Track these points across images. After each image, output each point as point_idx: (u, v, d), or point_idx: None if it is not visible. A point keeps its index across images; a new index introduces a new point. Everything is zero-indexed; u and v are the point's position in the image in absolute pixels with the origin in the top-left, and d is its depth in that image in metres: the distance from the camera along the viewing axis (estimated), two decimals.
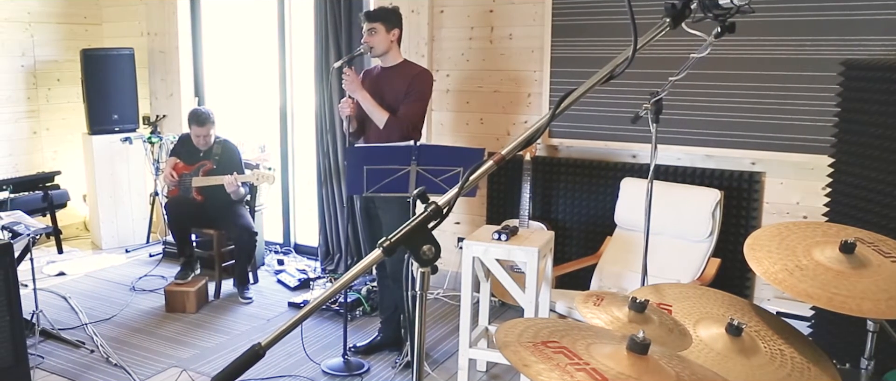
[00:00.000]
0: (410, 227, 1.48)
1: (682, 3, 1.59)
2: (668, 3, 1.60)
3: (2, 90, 6.43)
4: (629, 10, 1.53)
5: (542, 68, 4.74)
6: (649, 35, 1.58)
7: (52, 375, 4.10)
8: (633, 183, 4.32)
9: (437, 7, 5.07)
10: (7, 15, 6.39)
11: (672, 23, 1.60)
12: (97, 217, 6.62)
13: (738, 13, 1.61)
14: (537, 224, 4.65)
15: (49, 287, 5.48)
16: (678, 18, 1.60)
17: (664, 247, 4.07)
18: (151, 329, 4.76)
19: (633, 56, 1.53)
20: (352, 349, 4.33)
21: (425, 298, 1.59)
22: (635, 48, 1.53)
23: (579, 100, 1.59)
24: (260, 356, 1.45)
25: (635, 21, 1.51)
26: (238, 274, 5.37)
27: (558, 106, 1.57)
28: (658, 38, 1.60)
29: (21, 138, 6.61)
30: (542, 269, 3.72)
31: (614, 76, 1.59)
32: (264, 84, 6.54)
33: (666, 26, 1.61)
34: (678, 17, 1.60)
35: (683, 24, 1.63)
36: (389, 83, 4.07)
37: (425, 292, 1.58)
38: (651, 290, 2.53)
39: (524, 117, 4.89)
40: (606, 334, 2.09)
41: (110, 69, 6.39)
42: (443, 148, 4.01)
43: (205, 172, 5.29)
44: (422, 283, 1.55)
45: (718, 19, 1.64)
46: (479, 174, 1.55)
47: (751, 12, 1.61)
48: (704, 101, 4.23)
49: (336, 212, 5.73)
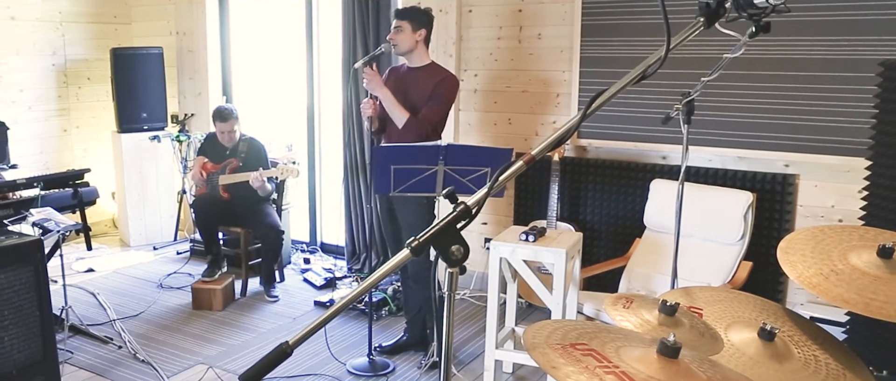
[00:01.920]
0: (439, 227, 1.47)
1: (716, 2, 1.56)
2: (703, 2, 1.57)
3: (33, 89, 6.50)
4: (662, 10, 1.50)
5: (571, 68, 4.69)
6: (683, 35, 1.55)
7: (81, 370, 4.14)
8: (663, 185, 4.26)
9: (466, 7, 5.04)
10: (38, 14, 6.46)
11: (706, 22, 1.57)
12: (125, 215, 6.67)
13: (774, 12, 1.57)
14: (565, 225, 4.61)
15: (78, 283, 5.53)
16: (713, 18, 1.57)
17: (694, 249, 4.02)
18: (178, 326, 4.79)
19: (666, 56, 1.50)
20: (377, 348, 4.32)
21: (453, 298, 1.57)
22: (668, 48, 1.50)
23: (610, 100, 1.57)
24: (287, 355, 1.45)
25: (668, 20, 1.48)
26: (264, 272, 5.39)
27: (589, 106, 1.55)
28: (691, 38, 1.57)
29: (51, 136, 6.69)
30: (569, 270, 3.68)
31: (646, 76, 1.56)
32: (292, 83, 6.56)
33: (700, 26, 1.57)
34: (713, 17, 1.57)
35: (717, 23, 1.60)
36: (415, 84, 4.05)
37: (454, 293, 1.56)
38: (681, 293, 2.49)
39: (552, 118, 4.85)
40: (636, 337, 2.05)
41: (139, 68, 6.45)
42: (471, 148, 3.98)
43: (231, 169, 5.31)
44: (450, 283, 1.54)
45: (753, 19, 1.61)
46: (508, 175, 1.53)
47: (786, 11, 1.58)
48: (736, 102, 4.16)
49: (362, 211, 5.72)
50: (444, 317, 1.61)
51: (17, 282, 3.59)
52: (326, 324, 1.53)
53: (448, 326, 1.63)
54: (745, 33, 1.67)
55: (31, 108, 6.50)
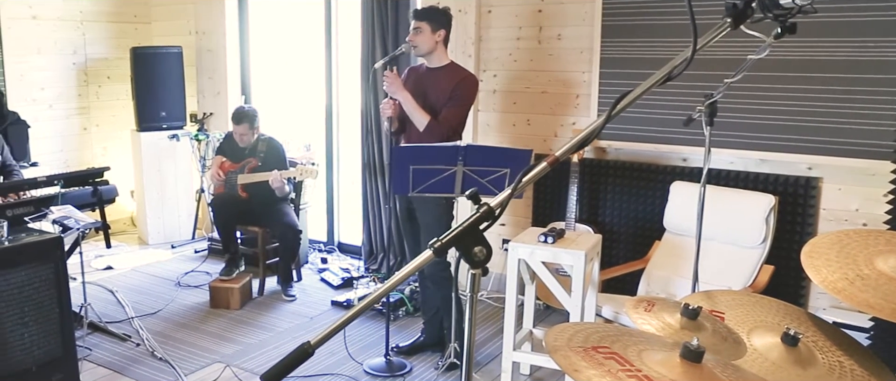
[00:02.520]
0: (462, 228, 1.46)
1: (743, 3, 1.54)
2: (730, 2, 1.54)
3: (54, 87, 6.55)
4: (689, 10, 1.47)
5: (591, 69, 4.66)
6: (709, 36, 1.53)
7: (99, 367, 4.15)
8: (684, 187, 4.22)
9: (485, 7, 5.03)
10: (60, 14, 6.51)
11: (733, 23, 1.54)
12: (144, 213, 6.70)
13: (800, 13, 1.55)
14: (584, 227, 4.58)
15: (96, 281, 5.56)
16: (740, 19, 1.54)
17: (715, 253, 3.98)
18: (196, 325, 4.80)
19: (692, 57, 1.48)
20: (394, 349, 4.31)
21: (476, 300, 1.56)
22: (695, 49, 1.47)
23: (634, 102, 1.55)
24: (309, 355, 1.45)
25: (695, 21, 1.45)
26: (282, 272, 5.39)
27: (614, 108, 1.53)
28: (717, 39, 1.55)
29: (72, 134, 6.73)
30: (588, 272, 3.66)
31: (672, 78, 1.54)
32: (310, 83, 6.57)
33: (727, 27, 1.55)
34: (740, 18, 1.54)
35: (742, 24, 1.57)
36: (434, 84, 4.03)
37: (476, 294, 1.55)
38: (703, 296, 2.46)
39: (572, 119, 4.83)
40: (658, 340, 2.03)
41: (159, 67, 6.47)
42: (490, 149, 3.96)
43: (250, 169, 5.32)
44: (473, 285, 1.54)
45: (779, 20, 1.58)
46: (531, 176, 1.52)
47: (813, 12, 1.55)
48: (759, 103, 4.12)
49: (380, 212, 5.71)
50: (463, 318, 1.60)
51: (37, 279, 3.61)
52: (348, 325, 1.53)
53: (470, 327, 1.62)
54: (770, 34, 1.64)
55: (52, 106, 6.55)
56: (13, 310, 3.52)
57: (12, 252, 3.53)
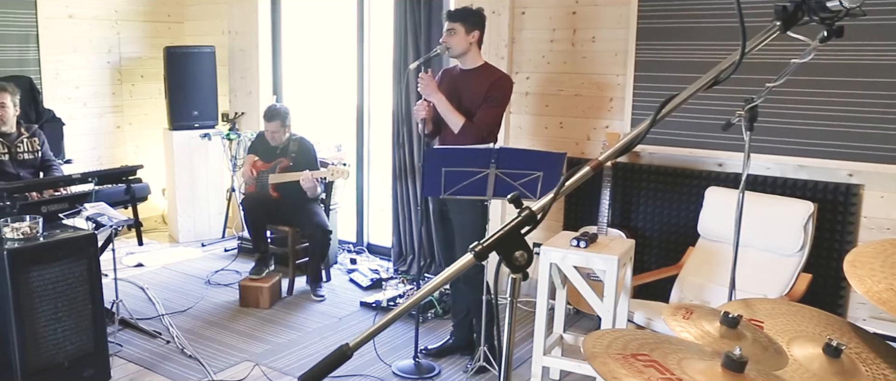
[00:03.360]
0: (503, 232, 1.44)
1: (794, 5, 1.49)
2: (780, 5, 1.50)
3: (88, 85, 6.62)
4: (738, 12, 1.44)
5: (625, 72, 4.61)
6: (758, 39, 1.49)
7: (130, 363, 4.18)
8: (719, 192, 4.16)
9: (519, 8, 4.99)
10: (96, 13, 6.58)
11: (783, 26, 1.50)
12: (175, 211, 6.75)
13: (848, 16, 1.50)
14: (616, 232, 4.53)
15: (128, 278, 5.60)
16: (790, 22, 1.50)
17: (751, 260, 3.91)
18: (225, 323, 4.82)
19: (741, 61, 1.45)
20: (423, 351, 4.29)
21: (515, 304, 1.55)
22: (743, 52, 1.44)
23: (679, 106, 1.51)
24: (347, 357, 1.44)
25: (744, 24, 1.42)
26: (311, 272, 5.40)
27: (659, 112, 1.50)
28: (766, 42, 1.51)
29: (105, 132, 6.80)
30: (621, 278, 3.62)
31: (719, 82, 1.51)
32: (342, 84, 6.57)
33: (776, 30, 1.51)
34: (790, 21, 1.50)
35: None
36: (468, 86, 4.01)
37: (516, 299, 1.53)
38: (741, 304, 2.42)
39: (605, 122, 4.78)
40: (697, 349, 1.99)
41: (192, 66, 6.52)
42: (523, 151, 3.93)
43: (281, 168, 5.33)
44: (513, 289, 1.52)
45: (825, 23, 1.54)
46: (574, 180, 1.50)
47: (862, 16, 1.50)
48: (798, 108, 4.04)
49: (410, 213, 5.70)
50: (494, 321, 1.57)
51: (71, 275, 3.65)
52: (387, 327, 1.51)
53: (509, 332, 1.60)
54: (816, 38, 1.59)
55: (86, 104, 6.62)
56: (47, 305, 3.55)
57: (47, 248, 3.57)
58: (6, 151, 4.77)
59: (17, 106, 4.84)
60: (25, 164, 4.87)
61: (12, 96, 4.77)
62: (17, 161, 4.82)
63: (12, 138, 4.81)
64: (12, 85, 4.84)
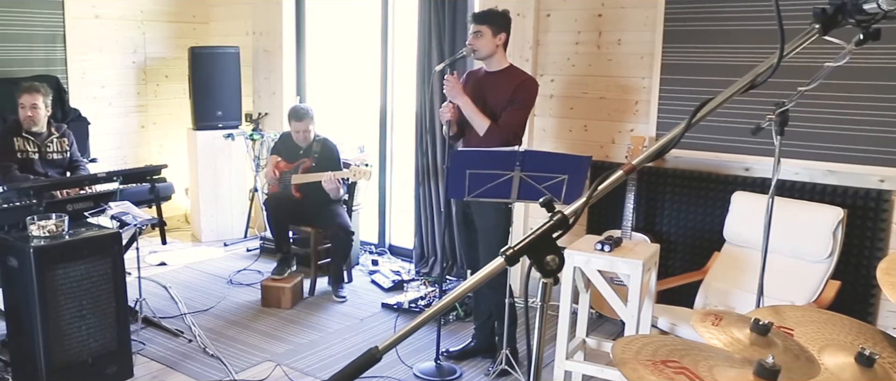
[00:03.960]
0: (535, 236, 1.42)
1: (833, 8, 1.46)
2: (819, 8, 1.47)
3: (114, 85, 6.66)
4: (777, 15, 1.41)
5: (651, 75, 4.57)
6: (796, 42, 1.46)
7: (152, 361, 4.20)
8: (746, 197, 4.10)
9: (544, 10, 4.97)
10: (122, 13, 6.62)
11: (822, 29, 1.47)
12: (198, 210, 6.78)
13: (885, 19, 1.47)
14: (640, 236, 4.49)
15: (151, 276, 5.63)
16: (829, 25, 1.47)
17: (778, 266, 3.85)
18: (247, 323, 4.82)
19: (779, 64, 1.42)
20: (444, 353, 4.28)
21: (546, 309, 1.54)
22: (781, 56, 1.41)
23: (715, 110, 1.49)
24: (376, 360, 1.44)
25: (783, 26, 1.39)
26: (333, 272, 5.39)
27: (694, 116, 1.48)
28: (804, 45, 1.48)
29: (130, 132, 6.84)
30: (646, 282, 3.58)
31: (755, 86, 1.48)
32: (365, 85, 6.57)
33: (815, 33, 1.48)
34: (829, 24, 1.47)
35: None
36: (493, 88, 3.99)
37: (547, 304, 1.52)
38: (770, 311, 2.38)
39: (631, 125, 4.74)
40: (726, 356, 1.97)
41: (216, 67, 6.54)
42: (548, 154, 3.89)
43: (304, 169, 5.33)
44: (543, 294, 1.50)
45: (861, 25, 1.50)
46: (607, 184, 1.49)
47: None
48: (828, 112, 3.99)
49: (433, 215, 5.69)
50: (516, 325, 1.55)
51: (96, 273, 3.67)
52: (416, 331, 1.50)
53: (539, 337, 1.58)
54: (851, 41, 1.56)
55: (111, 104, 6.66)
56: (72, 303, 3.57)
57: (72, 246, 3.59)
58: (36, 150, 4.82)
59: (49, 107, 4.89)
60: (54, 163, 4.91)
61: (44, 98, 4.82)
62: (46, 161, 4.86)
63: (43, 138, 4.86)
64: (45, 86, 4.89)
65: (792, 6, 3.53)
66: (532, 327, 4.25)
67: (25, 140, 4.79)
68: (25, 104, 4.74)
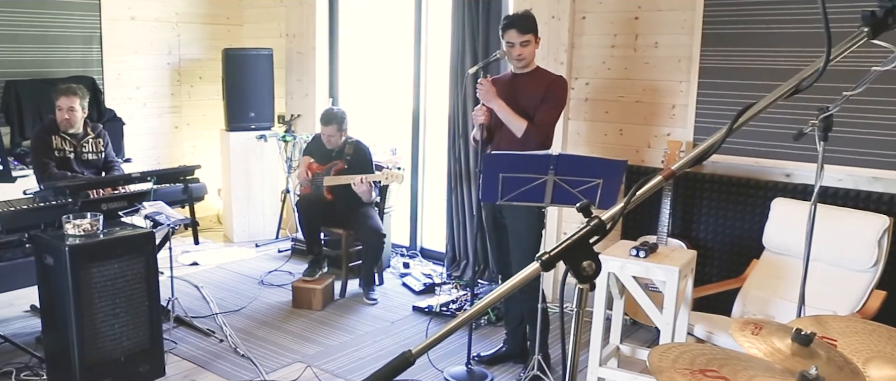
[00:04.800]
0: (572, 241, 1.40)
1: (883, 10, 1.41)
2: (868, 11, 1.42)
3: (149, 86, 6.72)
4: (823, 18, 1.36)
5: (689, 79, 4.50)
6: (843, 46, 1.42)
7: (184, 360, 4.21)
8: (786, 204, 4.01)
9: (579, 13, 4.91)
10: (157, 15, 6.68)
11: (871, 33, 1.42)
12: (230, 211, 6.81)
13: None
14: (676, 242, 4.41)
15: (183, 276, 5.66)
16: (879, 28, 1.42)
17: (820, 275, 3.75)
18: (278, 323, 4.82)
19: (825, 68, 1.37)
20: (476, 358, 4.24)
21: (582, 315, 1.50)
22: (828, 59, 1.37)
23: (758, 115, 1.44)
24: (410, 364, 1.42)
25: (830, 29, 1.34)
26: (364, 275, 5.38)
27: (736, 120, 1.44)
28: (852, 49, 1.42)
29: (164, 132, 6.89)
30: (682, 289, 3.52)
31: (800, 90, 1.44)
32: (398, 87, 6.56)
33: (863, 36, 1.43)
34: (879, 27, 1.42)
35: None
36: (524, 89, 3.96)
37: (583, 310, 1.49)
38: (812, 321, 2.31)
39: (667, 130, 4.66)
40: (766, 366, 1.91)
41: (249, 68, 6.57)
42: (583, 158, 3.84)
43: (336, 171, 5.33)
44: (579, 300, 1.47)
45: None
46: (646, 189, 1.46)
47: None
48: (873, 117, 3.89)
49: (465, 218, 5.65)
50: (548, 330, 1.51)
51: (129, 272, 3.69)
52: (450, 335, 1.48)
53: (575, 343, 1.55)
54: None
55: (146, 104, 6.72)
56: (105, 301, 3.59)
57: (107, 245, 3.61)
58: (72, 150, 4.86)
59: (86, 109, 4.93)
60: (89, 164, 4.95)
61: (81, 100, 4.86)
62: (81, 161, 4.90)
63: (79, 138, 4.90)
64: (82, 88, 4.93)
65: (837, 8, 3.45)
66: (567, 332, 4.20)
67: (62, 139, 4.83)
68: (62, 106, 4.79)
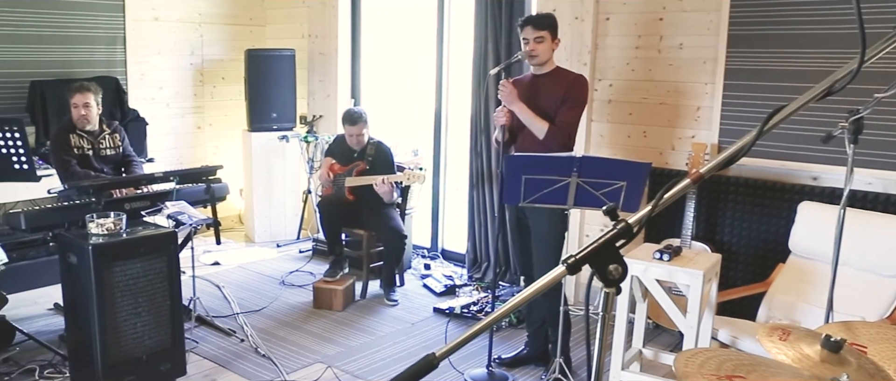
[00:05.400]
0: (598, 245, 1.39)
1: None
2: None
3: (172, 86, 6.75)
4: (858, 19, 1.33)
5: (714, 80, 4.45)
6: (878, 47, 1.39)
7: (205, 359, 4.22)
8: (813, 208, 3.95)
9: (603, 14, 4.87)
10: (180, 16, 6.71)
11: None
12: (252, 211, 6.83)
13: None
14: (700, 245, 4.36)
15: (204, 275, 5.67)
16: None
17: (848, 280, 3.70)
18: (298, 324, 4.82)
19: (859, 70, 1.34)
20: (496, 360, 4.22)
21: (608, 320, 1.49)
22: (862, 61, 1.34)
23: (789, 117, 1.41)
24: (434, 367, 1.42)
25: (865, 29, 1.31)
26: (385, 276, 5.37)
27: (766, 123, 1.42)
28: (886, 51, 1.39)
29: (186, 132, 6.92)
30: (706, 293, 3.47)
31: (833, 92, 1.41)
32: (420, 88, 6.54)
33: None
34: None
35: None
36: (545, 90, 3.93)
37: (609, 314, 1.47)
38: (841, 327, 2.27)
39: (691, 132, 4.62)
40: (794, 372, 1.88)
41: (272, 69, 6.58)
42: (606, 160, 3.80)
43: (358, 172, 5.32)
44: (605, 304, 1.46)
45: None
46: (674, 193, 1.45)
47: None
48: None
49: (486, 220, 5.62)
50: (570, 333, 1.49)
51: (152, 271, 3.69)
52: (473, 338, 1.46)
53: (600, 348, 1.53)
54: None
55: (169, 105, 6.75)
56: (128, 300, 3.60)
57: (129, 245, 3.62)
58: (90, 147, 4.89)
59: (100, 105, 4.95)
60: (107, 159, 4.97)
61: (95, 96, 4.89)
62: (100, 157, 4.93)
63: (96, 135, 4.92)
64: (95, 85, 4.96)
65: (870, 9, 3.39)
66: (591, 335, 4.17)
67: (80, 137, 4.85)
68: (78, 103, 4.81)
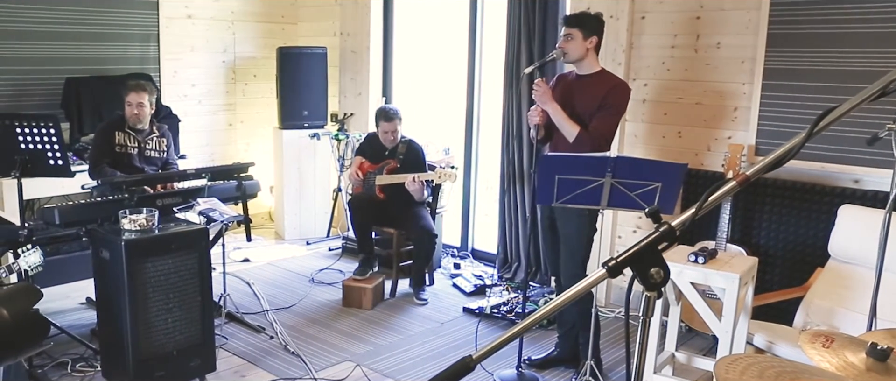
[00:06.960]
0: (640, 247, 1.36)
1: None
2: None
3: (204, 84, 6.78)
4: None
5: (752, 80, 4.37)
6: None
7: (234, 356, 4.23)
8: (854, 211, 3.86)
9: (638, 13, 4.81)
10: (213, 14, 6.74)
11: None
12: (282, 208, 6.84)
13: None
14: (736, 248, 4.28)
15: (235, 272, 5.69)
16: None
17: (891, 286, 3.60)
18: (328, 322, 4.82)
19: None
20: (526, 361, 4.18)
21: (649, 323, 1.44)
22: None
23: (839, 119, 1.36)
24: (470, 369, 1.40)
25: None
26: (415, 275, 5.35)
27: (816, 124, 1.38)
28: None
29: (218, 129, 6.95)
30: (742, 297, 3.40)
31: (887, 93, 1.36)
32: (452, 87, 6.51)
33: None
34: None
35: None
36: (583, 92, 3.87)
37: (649, 318, 1.44)
38: (887, 335, 2.20)
39: (728, 133, 4.53)
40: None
41: (303, 67, 6.59)
42: (641, 161, 3.74)
43: (389, 170, 5.31)
44: (646, 308, 1.43)
45: None
46: (719, 195, 1.42)
47: None
48: None
49: (517, 220, 5.58)
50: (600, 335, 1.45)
51: (183, 267, 3.70)
52: (512, 341, 1.43)
53: (640, 353, 1.50)
54: None
55: (201, 102, 6.78)
56: (159, 296, 3.61)
57: (162, 241, 3.63)
58: (136, 146, 4.88)
59: (154, 105, 4.94)
60: (151, 161, 4.96)
61: (150, 96, 4.87)
62: (143, 157, 4.92)
63: (144, 135, 4.91)
64: (151, 85, 4.96)
65: None
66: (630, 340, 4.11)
67: (127, 135, 4.85)
68: (132, 102, 4.80)
